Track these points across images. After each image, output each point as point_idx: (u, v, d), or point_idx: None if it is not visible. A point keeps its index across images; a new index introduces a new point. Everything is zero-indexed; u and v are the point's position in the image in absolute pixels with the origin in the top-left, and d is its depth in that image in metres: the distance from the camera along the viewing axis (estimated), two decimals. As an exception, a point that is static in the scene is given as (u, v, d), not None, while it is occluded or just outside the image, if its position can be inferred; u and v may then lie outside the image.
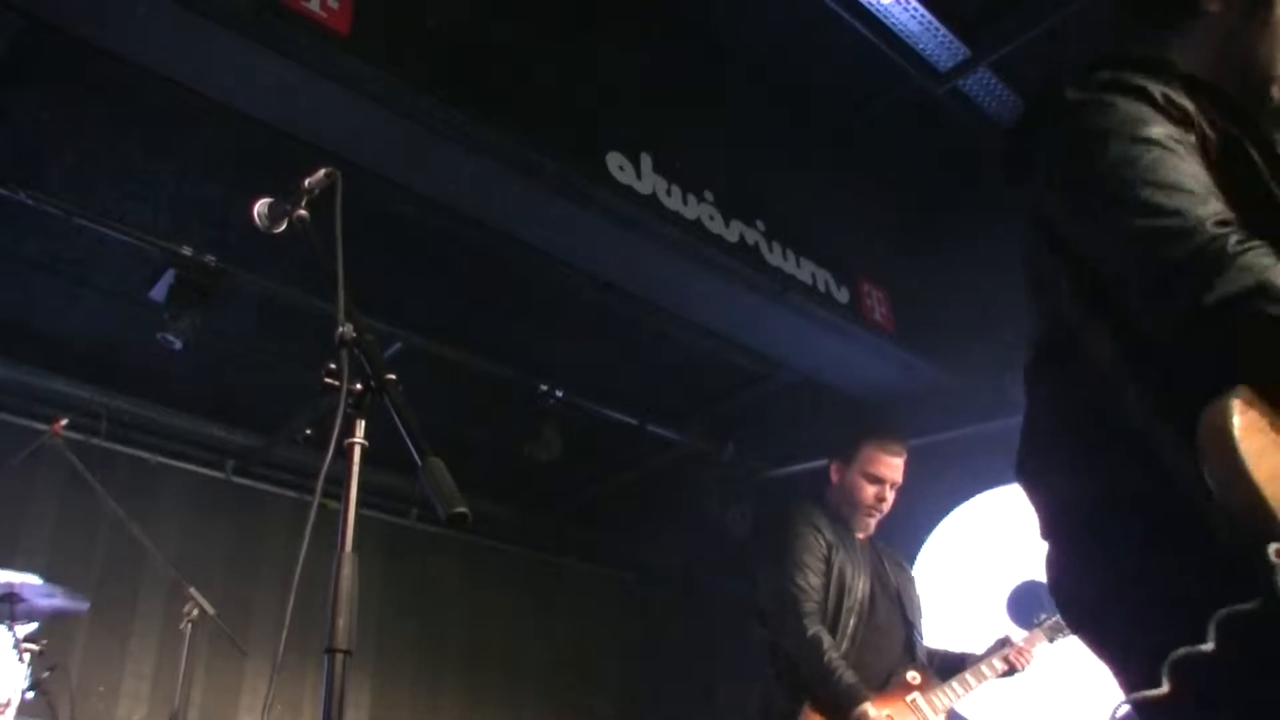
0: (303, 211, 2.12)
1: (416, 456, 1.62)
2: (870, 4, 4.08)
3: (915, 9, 4.11)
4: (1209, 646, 1.14)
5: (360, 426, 1.73)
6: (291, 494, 6.46)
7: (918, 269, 5.59)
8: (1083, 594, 1.58)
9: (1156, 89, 1.51)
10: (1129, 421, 1.45)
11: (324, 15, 3.66)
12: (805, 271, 5.22)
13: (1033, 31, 4.15)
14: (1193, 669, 1.16)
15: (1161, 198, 1.38)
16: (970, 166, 4.89)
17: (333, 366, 1.73)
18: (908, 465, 3.97)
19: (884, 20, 4.18)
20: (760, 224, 5.06)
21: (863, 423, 4.21)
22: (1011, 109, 4.55)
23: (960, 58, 4.37)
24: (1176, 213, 1.37)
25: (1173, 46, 1.66)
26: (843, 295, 5.39)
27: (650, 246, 4.71)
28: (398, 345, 5.33)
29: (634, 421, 6.35)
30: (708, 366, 5.96)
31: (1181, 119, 1.50)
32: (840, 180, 5.31)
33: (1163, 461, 1.38)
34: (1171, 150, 1.44)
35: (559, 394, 5.90)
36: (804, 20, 4.30)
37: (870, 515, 3.93)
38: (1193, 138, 1.49)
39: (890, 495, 3.96)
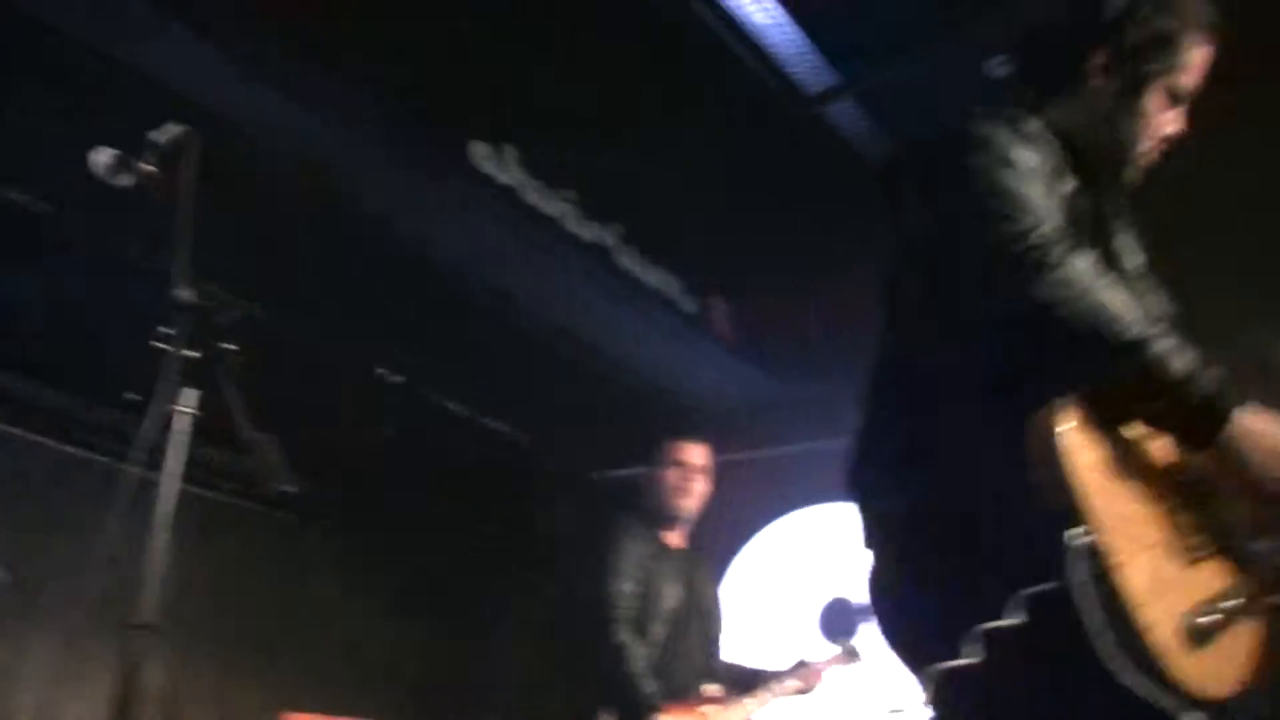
0: (150, 167, 2.03)
1: (244, 431, 1.57)
2: (746, 22, 4.13)
3: (790, 31, 4.17)
4: (1020, 619, 1.34)
5: (189, 395, 1.67)
6: (103, 459, 6.13)
7: (770, 286, 5.68)
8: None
9: (1035, 126, 1.69)
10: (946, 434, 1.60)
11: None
12: (654, 278, 5.26)
13: (903, 66, 4.27)
14: (1002, 641, 1.37)
15: (1011, 209, 1.50)
16: (833, 194, 4.97)
17: (165, 330, 1.66)
18: (731, 476, 4.08)
19: (759, 40, 4.23)
20: (618, 227, 5.07)
21: (662, 430, 4.32)
22: (874, 140, 4.66)
23: (827, 84, 4.46)
24: (1018, 222, 1.48)
25: (1052, 107, 1.82)
26: (689, 305, 5.45)
27: (501, 234, 4.69)
28: (237, 315, 5.12)
29: (465, 413, 6.27)
30: (542, 361, 5.90)
31: (1053, 156, 1.68)
32: (707, 191, 5.35)
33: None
34: (1035, 173, 1.59)
35: (397, 379, 5.78)
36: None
37: (680, 497, 4.04)
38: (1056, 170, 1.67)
39: (697, 479, 4.07)
